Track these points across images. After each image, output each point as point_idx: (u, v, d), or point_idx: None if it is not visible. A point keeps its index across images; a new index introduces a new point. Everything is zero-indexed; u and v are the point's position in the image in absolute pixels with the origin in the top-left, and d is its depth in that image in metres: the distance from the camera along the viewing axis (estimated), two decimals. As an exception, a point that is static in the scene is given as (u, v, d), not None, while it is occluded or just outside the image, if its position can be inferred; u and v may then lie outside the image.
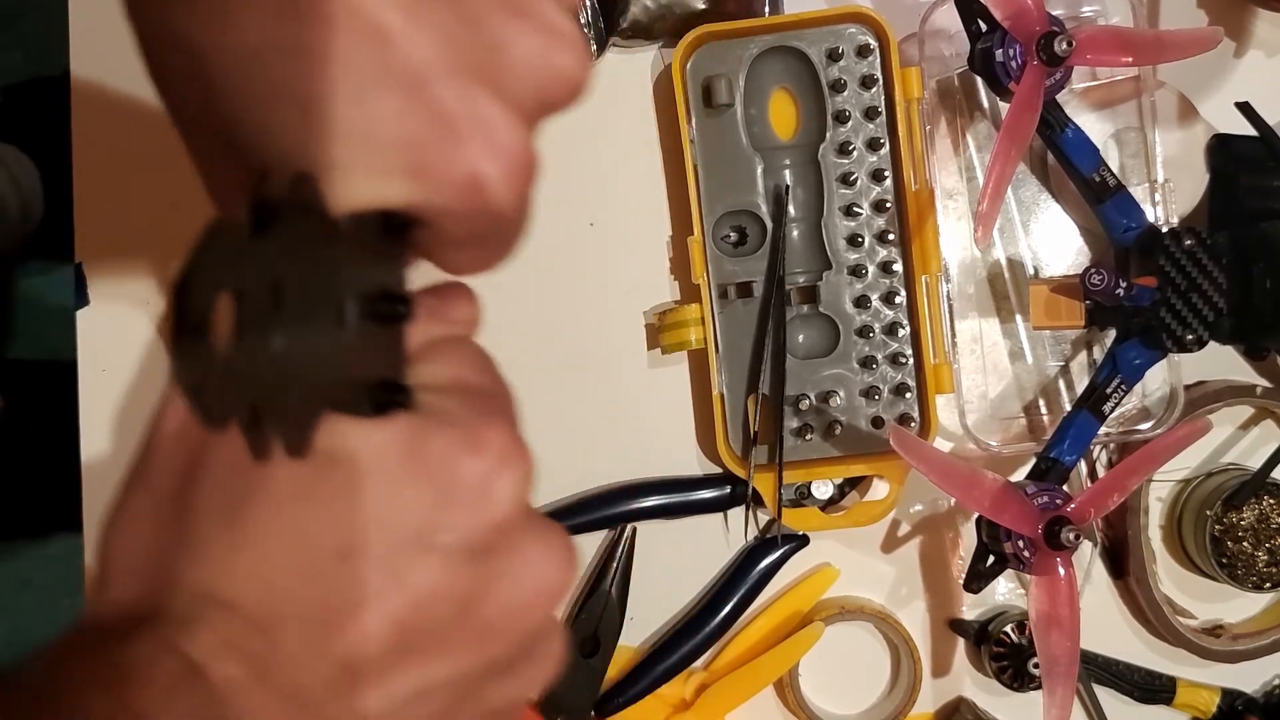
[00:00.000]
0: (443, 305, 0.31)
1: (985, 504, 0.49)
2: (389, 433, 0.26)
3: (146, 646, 0.23)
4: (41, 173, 1.14)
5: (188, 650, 0.23)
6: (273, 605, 0.24)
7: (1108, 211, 0.54)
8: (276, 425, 0.23)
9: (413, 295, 0.29)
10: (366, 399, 0.26)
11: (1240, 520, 0.58)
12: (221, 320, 0.20)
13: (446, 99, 0.25)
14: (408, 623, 0.25)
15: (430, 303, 0.31)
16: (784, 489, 0.58)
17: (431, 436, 0.26)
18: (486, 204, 0.27)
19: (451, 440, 0.26)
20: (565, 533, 0.28)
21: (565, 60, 0.27)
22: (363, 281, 0.26)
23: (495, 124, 0.26)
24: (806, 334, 0.60)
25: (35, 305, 1.22)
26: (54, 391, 1.08)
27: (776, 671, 0.60)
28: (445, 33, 0.25)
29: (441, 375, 0.28)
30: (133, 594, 0.25)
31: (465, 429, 0.26)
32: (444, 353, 0.29)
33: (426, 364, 0.29)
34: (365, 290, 0.26)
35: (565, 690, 0.61)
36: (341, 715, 0.25)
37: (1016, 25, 0.51)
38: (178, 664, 0.23)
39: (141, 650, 0.23)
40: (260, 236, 0.22)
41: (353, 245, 0.26)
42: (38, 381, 1.18)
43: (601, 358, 0.62)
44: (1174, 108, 0.60)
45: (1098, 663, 0.61)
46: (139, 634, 0.23)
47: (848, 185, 0.58)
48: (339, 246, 0.25)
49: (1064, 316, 0.54)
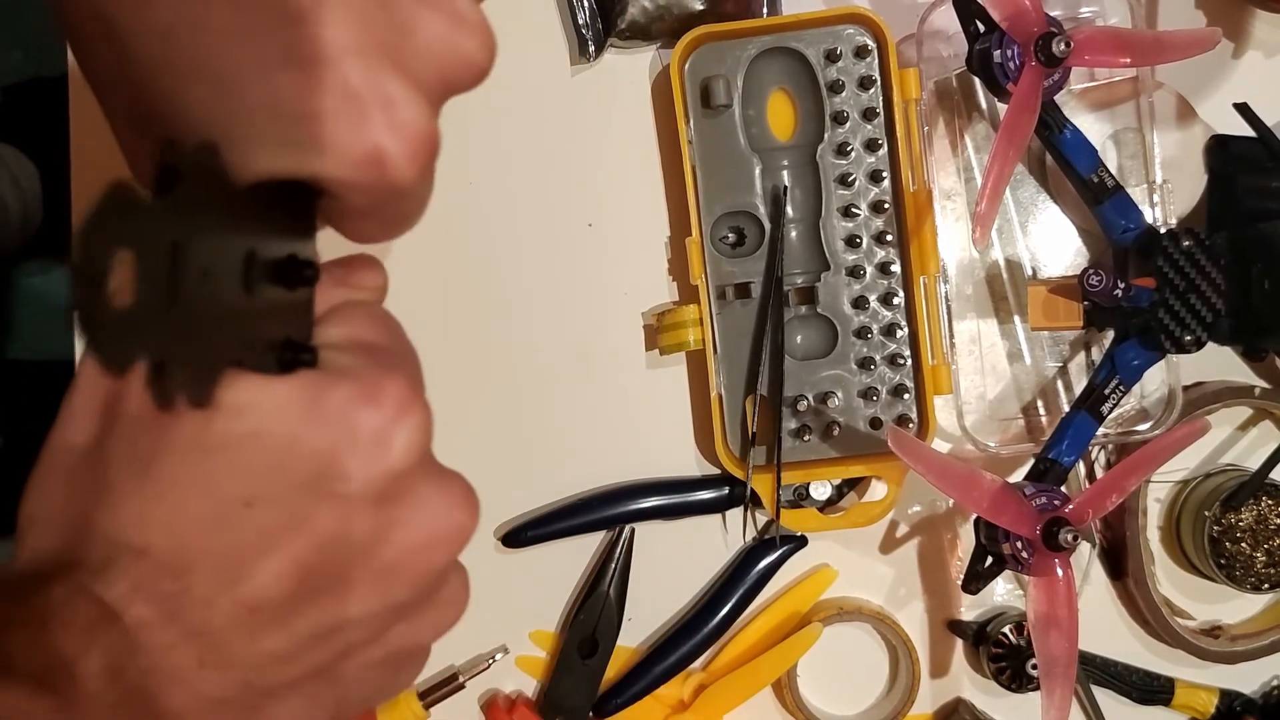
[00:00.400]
0: (350, 273, 0.33)
1: (984, 505, 0.49)
2: (291, 387, 0.27)
3: (63, 591, 0.24)
4: (41, 173, 1.14)
5: (102, 594, 0.25)
6: (182, 551, 0.25)
7: (1106, 212, 0.54)
8: (178, 378, 0.24)
9: (318, 261, 0.31)
10: (273, 357, 0.27)
11: (1239, 521, 0.58)
12: (120, 274, 0.21)
13: (352, 77, 0.27)
14: (309, 565, 0.27)
15: (337, 271, 0.33)
16: (782, 490, 0.58)
17: (331, 389, 0.27)
18: (388, 178, 0.28)
19: (350, 393, 0.27)
20: (464, 481, 0.30)
21: (470, 44, 0.29)
22: (268, 247, 0.27)
23: (399, 102, 0.27)
24: (805, 335, 0.60)
25: (35, 305, 1.21)
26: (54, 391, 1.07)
27: (775, 672, 0.60)
28: (354, 13, 0.27)
29: (344, 335, 0.30)
30: (50, 543, 0.26)
31: (363, 382, 0.28)
32: (348, 315, 0.31)
33: (331, 325, 0.30)
34: (271, 255, 0.27)
35: (564, 691, 0.61)
36: (247, 654, 0.26)
37: (1014, 26, 0.51)
38: (93, 607, 0.24)
39: (58, 595, 0.24)
40: (161, 198, 0.23)
41: (257, 212, 0.27)
42: (36, 381, 1.18)
43: (600, 358, 0.62)
44: (1172, 108, 0.60)
45: (1096, 664, 0.61)
46: (56, 580, 0.25)
47: (846, 186, 0.58)
48: (242, 213, 0.26)
49: (1062, 317, 0.54)
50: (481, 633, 0.62)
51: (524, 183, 0.62)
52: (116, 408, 0.27)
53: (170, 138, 0.27)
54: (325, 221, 0.31)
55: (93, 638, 0.24)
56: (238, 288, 0.26)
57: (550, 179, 0.62)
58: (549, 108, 0.62)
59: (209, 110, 0.27)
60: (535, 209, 0.62)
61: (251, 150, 0.27)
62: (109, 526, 0.26)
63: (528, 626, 0.62)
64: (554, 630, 0.62)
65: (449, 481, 0.30)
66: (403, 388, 0.28)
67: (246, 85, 0.26)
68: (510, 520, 0.61)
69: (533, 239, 0.62)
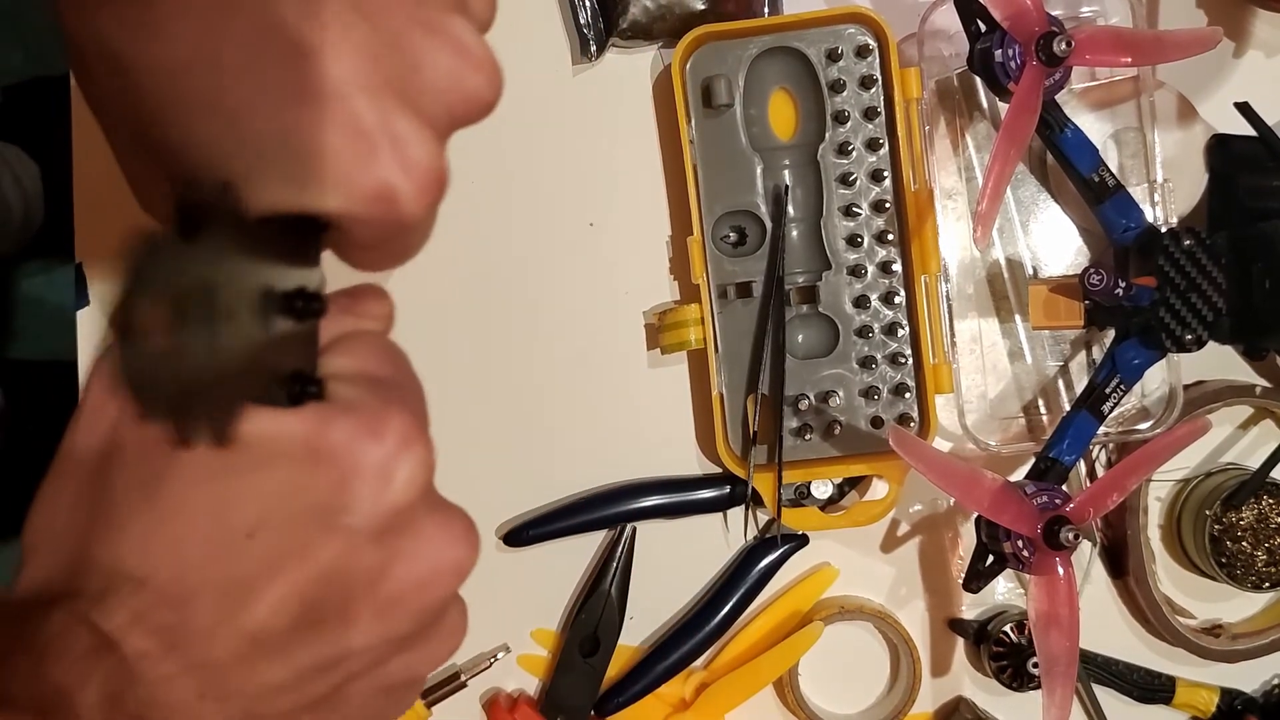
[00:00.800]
0: (356, 303, 0.33)
1: (984, 504, 0.49)
2: (298, 419, 0.27)
3: (62, 621, 0.24)
4: (42, 172, 1.14)
5: (102, 623, 0.24)
6: (184, 580, 0.25)
7: (1107, 212, 0.54)
8: (203, 416, 0.24)
9: (325, 293, 0.31)
10: (282, 390, 0.27)
11: (1239, 520, 0.58)
12: (159, 321, 0.22)
13: (362, 113, 0.27)
14: (310, 597, 0.27)
15: (344, 300, 0.33)
16: (783, 489, 0.58)
17: (335, 422, 0.27)
18: (397, 214, 0.28)
19: (354, 426, 0.27)
20: (466, 515, 0.30)
21: (476, 79, 0.29)
22: (280, 281, 0.27)
23: (408, 139, 0.28)
24: (806, 334, 0.60)
25: (35, 305, 1.22)
26: (54, 391, 1.08)
27: (776, 671, 0.60)
28: (365, 51, 0.27)
29: (349, 367, 0.30)
30: (50, 571, 0.26)
31: (367, 416, 0.28)
32: (354, 346, 0.31)
33: (337, 356, 0.30)
34: (283, 289, 0.28)
35: (565, 690, 0.61)
36: (247, 685, 0.26)
37: (1015, 25, 0.51)
38: (92, 636, 0.24)
39: (57, 624, 0.24)
40: (189, 243, 0.23)
41: (271, 247, 0.27)
42: (38, 381, 1.18)
43: (601, 358, 0.62)
44: (1173, 108, 0.60)
45: (1097, 662, 0.61)
46: (55, 609, 0.25)
47: (847, 185, 0.58)
48: (258, 248, 0.27)
49: (1063, 316, 0.54)
50: (483, 632, 0.62)
51: (525, 182, 0.62)
52: (124, 431, 0.27)
53: (184, 173, 0.27)
54: (331, 249, 0.31)
55: (91, 668, 0.24)
56: (257, 323, 0.26)
57: (551, 178, 0.62)
58: (550, 107, 0.62)
59: (219, 144, 0.27)
60: (536, 208, 0.62)
61: (261, 184, 0.27)
62: (110, 554, 0.25)
63: (529, 625, 0.62)
64: (555, 629, 0.62)
65: (450, 516, 0.30)
66: (406, 422, 0.28)
67: (257, 120, 0.26)
68: (512, 519, 0.61)
69: (534, 238, 0.62)
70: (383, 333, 0.33)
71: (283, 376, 0.28)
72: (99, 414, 0.27)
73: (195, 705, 0.25)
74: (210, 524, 0.26)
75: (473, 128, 0.66)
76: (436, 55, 0.28)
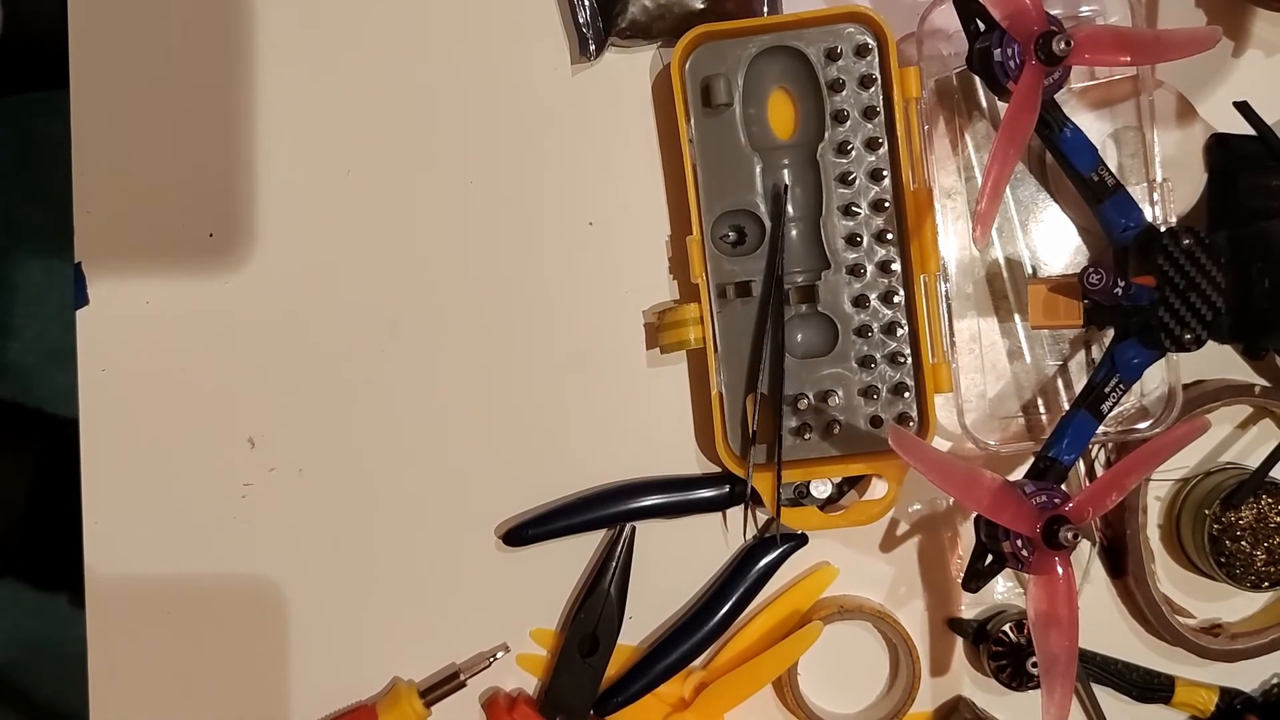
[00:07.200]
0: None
1: (984, 503, 0.49)
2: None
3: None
4: (41, 172, 1.14)
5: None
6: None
7: (1106, 211, 0.54)
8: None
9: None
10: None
11: (1239, 519, 0.58)
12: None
13: None
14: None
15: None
16: (783, 488, 0.58)
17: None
18: None
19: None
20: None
21: None
22: None
23: None
24: (805, 333, 0.60)
25: (35, 305, 1.22)
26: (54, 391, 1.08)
27: (775, 670, 0.60)
28: None
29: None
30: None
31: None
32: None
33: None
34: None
35: (564, 689, 0.61)
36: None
37: (1015, 25, 0.51)
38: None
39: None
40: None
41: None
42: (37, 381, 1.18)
43: (600, 357, 0.62)
44: (1172, 107, 0.60)
45: (1096, 662, 0.61)
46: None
47: (846, 185, 0.58)
48: None
49: (1062, 316, 0.54)
50: (482, 631, 0.62)
51: (525, 181, 0.62)
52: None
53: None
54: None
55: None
56: None
57: (551, 178, 0.62)
58: (550, 107, 0.62)
59: None
60: (536, 208, 0.62)
61: None
62: None
63: (528, 625, 0.62)
64: (555, 628, 0.62)
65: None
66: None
67: None
68: (511, 518, 0.61)
69: (533, 237, 0.62)
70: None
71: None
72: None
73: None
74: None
75: (473, 127, 0.66)
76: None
